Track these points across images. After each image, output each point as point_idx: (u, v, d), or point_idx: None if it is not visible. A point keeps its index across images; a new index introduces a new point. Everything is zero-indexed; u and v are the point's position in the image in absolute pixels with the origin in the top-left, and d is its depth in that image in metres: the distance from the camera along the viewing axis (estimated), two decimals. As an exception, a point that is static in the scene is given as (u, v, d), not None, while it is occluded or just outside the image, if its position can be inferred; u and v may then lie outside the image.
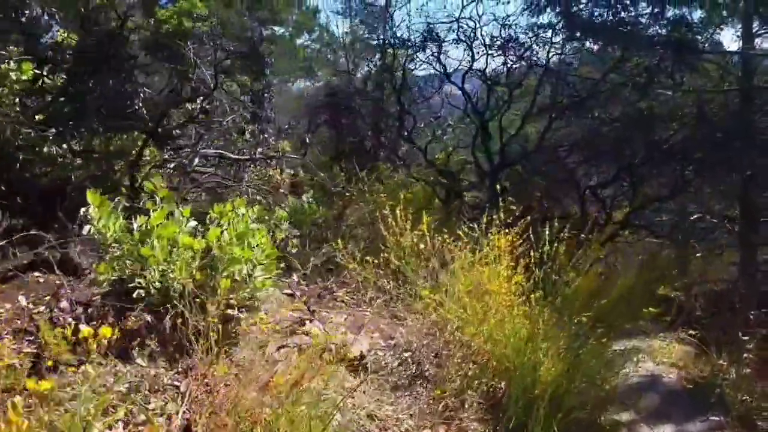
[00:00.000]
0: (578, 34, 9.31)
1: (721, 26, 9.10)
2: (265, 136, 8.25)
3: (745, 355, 5.44)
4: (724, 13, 9.15)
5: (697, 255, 9.36)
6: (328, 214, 5.66)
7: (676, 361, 5.66)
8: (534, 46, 9.19)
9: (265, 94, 10.37)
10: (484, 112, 9.03)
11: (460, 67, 9.41)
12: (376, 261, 4.33)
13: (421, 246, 4.72)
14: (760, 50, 8.81)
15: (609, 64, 9.44)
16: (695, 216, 9.82)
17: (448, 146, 10.59)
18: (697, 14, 8.78)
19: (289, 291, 4.11)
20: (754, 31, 8.74)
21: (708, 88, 8.66)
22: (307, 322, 3.60)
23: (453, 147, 10.62)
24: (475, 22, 9.22)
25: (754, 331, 5.82)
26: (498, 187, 8.90)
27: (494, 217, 4.36)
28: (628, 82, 8.89)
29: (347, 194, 5.78)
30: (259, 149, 7.84)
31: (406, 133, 10.55)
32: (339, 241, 4.56)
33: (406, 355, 3.56)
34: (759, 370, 5.11)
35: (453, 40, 9.05)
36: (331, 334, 3.19)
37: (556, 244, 4.35)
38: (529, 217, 4.58)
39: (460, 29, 8.88)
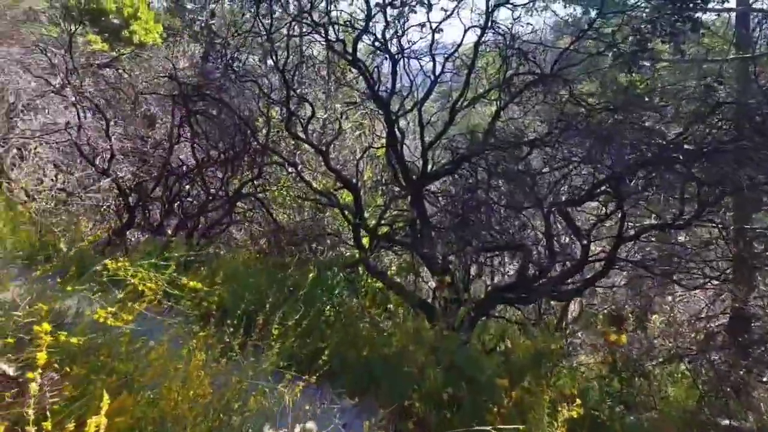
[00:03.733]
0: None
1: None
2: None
3: None
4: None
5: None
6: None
7: None
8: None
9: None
10: (389, 100, 6.62)
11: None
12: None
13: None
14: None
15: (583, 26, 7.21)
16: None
17: (358, 146, 8.20)
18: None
19: None
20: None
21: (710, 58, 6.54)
22: None
23: (367, 146, 8.22)
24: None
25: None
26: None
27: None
28: (608, 51, 6.61)
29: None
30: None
31: (301, 128, 8.12)
32: None
33: None
34: None
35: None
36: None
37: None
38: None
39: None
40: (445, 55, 7.42)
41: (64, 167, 11.30)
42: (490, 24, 7.22)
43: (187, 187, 8.80)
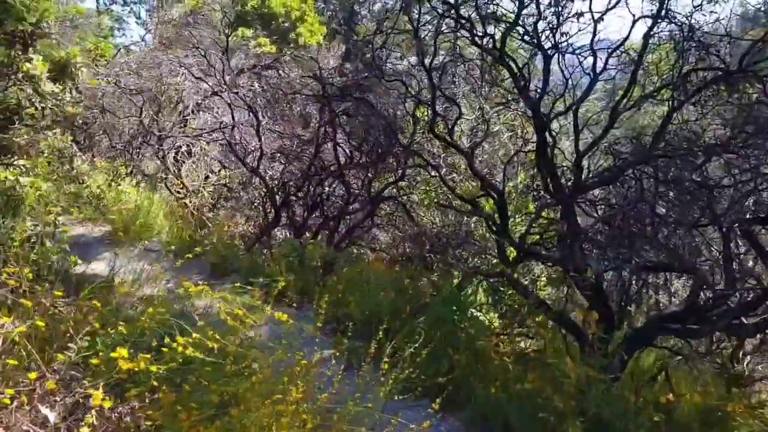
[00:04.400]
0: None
1: None
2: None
3: None
4: None
5: None
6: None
7: None
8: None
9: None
10: (538, 101, 5.93)
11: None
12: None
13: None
14: None
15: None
16: None
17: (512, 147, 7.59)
18: None
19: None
20: None
21: None
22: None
23: (516, 150, 7.58)
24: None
25: None
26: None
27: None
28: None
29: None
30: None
31: (447, 130, 7.67)
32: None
33: None
34: None
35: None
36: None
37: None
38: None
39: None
40: (608, 50, 6.56)
41: (228, 165, 11.78)
42: (664, 13, 6.26)
43: (328, 188, 8.69)
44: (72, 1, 23.39)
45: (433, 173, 8.27)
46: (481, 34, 6.33)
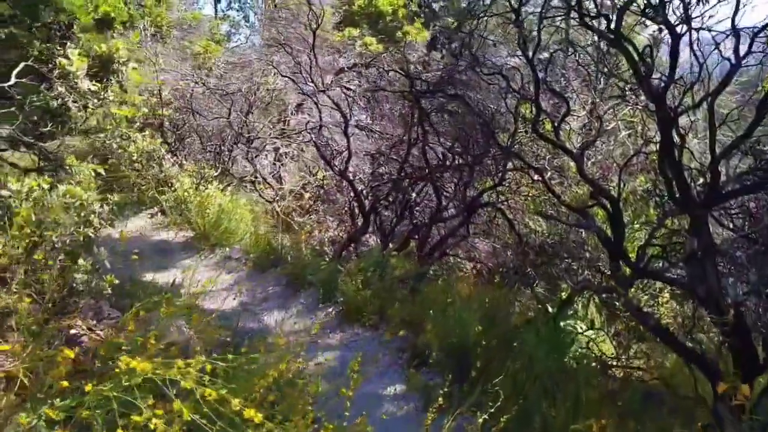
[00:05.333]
0: None
1: None
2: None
3: None
4: None
5: None
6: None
7: None
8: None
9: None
10: (664, 92, 4.86)
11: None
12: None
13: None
14: None
15: None
16: None
17: (626, 151, 6.54)
18: None
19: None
20: None
21: None
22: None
23: (636, 151, 6.51)
24: None
25: None
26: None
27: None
28: None
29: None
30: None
31: (553, 129, 6.73)
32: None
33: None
34: None
35: None
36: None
37: None
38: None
39: None
40: (754, 29, 5.33)
41: (323, 167, 11.34)
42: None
43: (414, 194, 7.93)
44: (192, 8, 24.24)
45: (536, 177, 7.31)
46: (593, 14, 5.33)
